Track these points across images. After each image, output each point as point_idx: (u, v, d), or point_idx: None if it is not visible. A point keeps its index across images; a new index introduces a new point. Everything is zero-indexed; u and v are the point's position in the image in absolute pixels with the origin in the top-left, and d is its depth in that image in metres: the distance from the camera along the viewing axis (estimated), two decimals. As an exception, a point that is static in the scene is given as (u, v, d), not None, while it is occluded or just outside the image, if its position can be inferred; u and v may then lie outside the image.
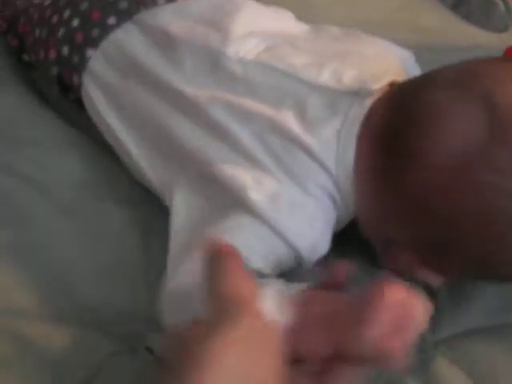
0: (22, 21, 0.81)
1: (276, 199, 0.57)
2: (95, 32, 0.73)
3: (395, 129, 0.56)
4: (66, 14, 0.75)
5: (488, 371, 0.61)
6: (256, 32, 0.67)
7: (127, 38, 0.71)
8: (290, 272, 0.60)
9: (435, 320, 0.63)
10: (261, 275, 0.56)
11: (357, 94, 0.60)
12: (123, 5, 0.73)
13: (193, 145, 0.62)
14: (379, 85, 0.60)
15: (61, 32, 0.75)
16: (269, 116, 0.60)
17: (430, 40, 0.96)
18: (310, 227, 0.59)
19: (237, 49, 0.65)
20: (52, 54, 0.76)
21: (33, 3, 0.82)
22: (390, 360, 0.42)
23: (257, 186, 0.58)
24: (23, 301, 0.61)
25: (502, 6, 1.05)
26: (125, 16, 0.72)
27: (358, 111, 0.59)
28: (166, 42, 0.69)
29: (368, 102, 0.59)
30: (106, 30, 0.72)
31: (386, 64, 0.65)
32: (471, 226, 0.53)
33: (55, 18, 0.76)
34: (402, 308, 0.42)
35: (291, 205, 0.58)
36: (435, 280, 0.59)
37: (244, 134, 0.60)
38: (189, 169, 0.63)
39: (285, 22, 0.73)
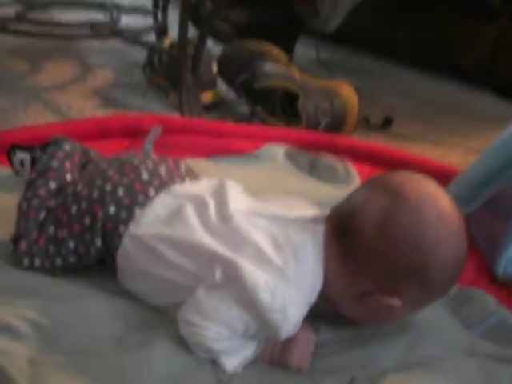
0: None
1: (276, 298, 0.87)
2: (140, 198, 1.00)
3: (341, 223, 0.92)
4: (108, 187, 1.00)
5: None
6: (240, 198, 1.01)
7: (162, 204, 1.00)
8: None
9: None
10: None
11: (315, 220, 0.94)
12: (156, 182, 1.01)
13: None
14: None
15: (107, 198, 0.99)
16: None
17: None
18: (296, 324, 0.90)
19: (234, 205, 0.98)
20: (100, 215, 0.99)
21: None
22: None
23: (265, 287, 0.87)
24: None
25: (341, 169, 1.44)
26: (161, 188, 1.01)
27: (320, 229, 0.93)
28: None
29: (322, 224, 0.93)
30: (147, 197, 1.00)
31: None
32: (403, 253, 0.88)
33: (96, 193, 1.00)
34: None
35: (288, 305, 0.88)
36: (397, 303, 0.90)
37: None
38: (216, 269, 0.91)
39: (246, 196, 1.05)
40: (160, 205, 1.00)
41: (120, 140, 1.47)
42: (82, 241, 1.02)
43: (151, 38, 2.27)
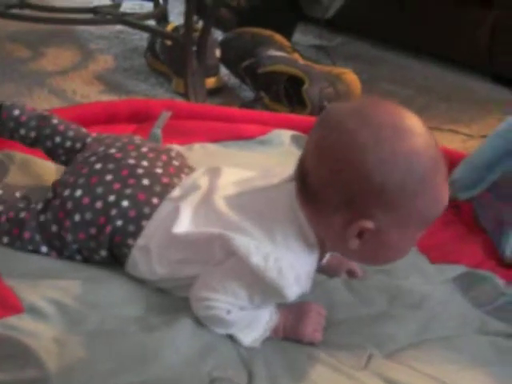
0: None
1: (269, 260, 0.89)
2: (146, 210, 1.00)
3: (296, 172, 0.92)
4: (111, 198, 1.00)
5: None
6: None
7: (165, 210, 1.00)
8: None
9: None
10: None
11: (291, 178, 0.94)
12: (157, 188, 1.02)
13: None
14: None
15: (113, 212, 1.00)
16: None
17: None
18: (296, 281, 0.90)
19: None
20: (107, 229, 1.00)
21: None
22: None
23: (256, 251, 0.89)
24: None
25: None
26: (162, 194, 1.02)
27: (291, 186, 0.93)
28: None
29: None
30: (153, 207, 1.00)
31: None
32: (336, 167, 0.85)
33: (99, 204, 1.00)
34: None
35: (281, 264, 0.89)
36: (369, 225, 0.86)
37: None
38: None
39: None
40: (162, 211, 1.00)
41: (127, 125, 1.48)
42: (87, 248, 1.03)
43: (151, 24, 2.28)
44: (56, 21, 2.06)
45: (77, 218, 1.02)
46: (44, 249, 1.04)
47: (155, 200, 1.01)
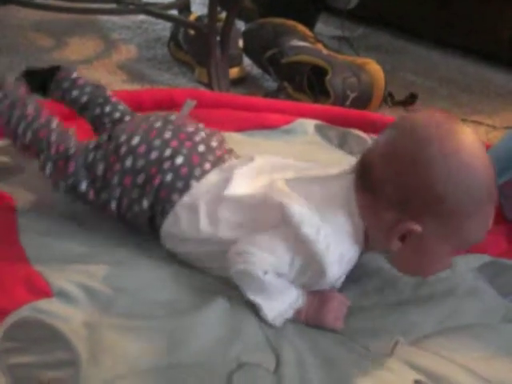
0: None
1: (320, 233, 0.92)
2: (197, 171, 1.03)
3: (359, 164, 0.97)
4: (167, 152, 1.03)
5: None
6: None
7: (216, 176, 1.03)
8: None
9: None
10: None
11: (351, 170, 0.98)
12: (211, 157, 1.05)
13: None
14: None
15: (166, 165, 1.02)
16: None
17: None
18: (338, 261, 0.93)
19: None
20: (156, 181, 1.02)
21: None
22: None
23: (310, 223, 0.92)
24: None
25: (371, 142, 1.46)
26: (216, 163, 1.05)
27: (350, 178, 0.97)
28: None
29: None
30: (204, 171, 1.03)
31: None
32: (403, 172, 0.91)
33: (154, 155, 1.03)
34: None
35: (330, 241, 0.92)
36: (418, 228, 0.91)
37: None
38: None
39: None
40: (212, 178, 1.03)
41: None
42: (128, 196, 1.04)
43: (174, 14, 2.28)
44: (79, 10, 2.07)
45: (128, 163, 1.04)
46: (83, 185, 1.07)
47: (207, 165, 1.04)
